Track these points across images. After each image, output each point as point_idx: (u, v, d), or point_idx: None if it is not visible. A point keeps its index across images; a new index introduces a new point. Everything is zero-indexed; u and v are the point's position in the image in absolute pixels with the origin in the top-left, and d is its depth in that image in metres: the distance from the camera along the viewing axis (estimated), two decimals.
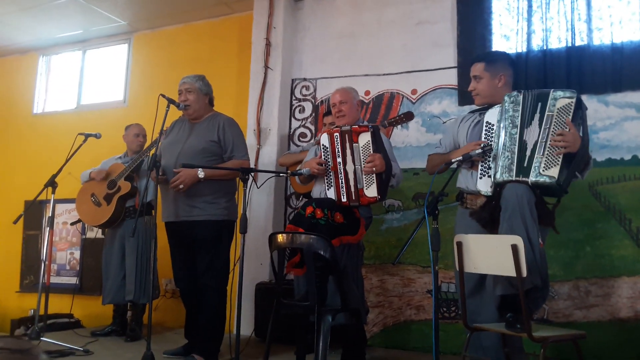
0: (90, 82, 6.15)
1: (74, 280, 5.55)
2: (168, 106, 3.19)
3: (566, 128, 2.38)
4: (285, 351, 3.58)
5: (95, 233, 5.48)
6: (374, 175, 2.92)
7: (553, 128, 2.40)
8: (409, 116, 3.96)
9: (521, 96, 2.51)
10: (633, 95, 3.62)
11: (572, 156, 2.37)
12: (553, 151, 2.38)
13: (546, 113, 2.43)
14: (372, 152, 2.93)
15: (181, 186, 3.16)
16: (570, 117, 2.39)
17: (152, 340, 3.03)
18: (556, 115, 2.41)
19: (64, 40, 6.10)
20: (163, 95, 3.18)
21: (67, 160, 3.82)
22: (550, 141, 2.38)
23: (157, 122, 3.16)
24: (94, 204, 4.26)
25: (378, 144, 2.95)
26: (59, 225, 5.70)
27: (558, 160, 2.36)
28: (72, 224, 5.14)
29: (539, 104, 2.46)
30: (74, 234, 5.70)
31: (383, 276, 4.19)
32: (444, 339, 3.80)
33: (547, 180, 2.34)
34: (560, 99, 2.43)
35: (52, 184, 3.74)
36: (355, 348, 3.07)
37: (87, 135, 3.99)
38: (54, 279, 5.49)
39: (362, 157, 2.96)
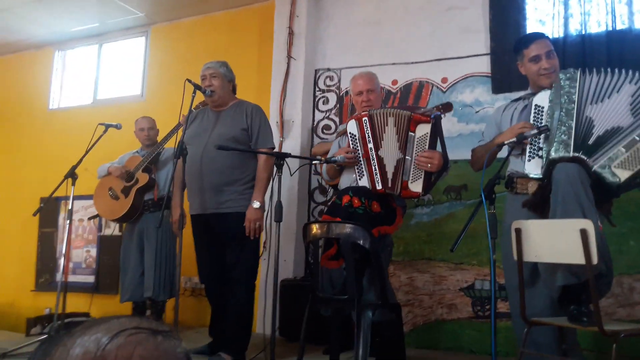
0: (107, 76, 6.02)
1: (90, 278, 5.41)
2: (194, 92, 3.05)
3: None
4: (312, 350, 3.40)
5: (112, 230, 5.34)
6: (424, 170, 2.70)
7: None
8: (447, 107, 3.56)
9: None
10: None
11: None
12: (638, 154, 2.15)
13: None
14: (427, 146, 2.69)
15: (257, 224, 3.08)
16: None
17: None
18: None
19: (79, 34, 5.97)
20: (189, 81, 3.03)
21: (87, 151, 3.68)
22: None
23: (184, 109, 3.03)
24: (111, 197, 4.13)
25: (436, 138, 2.70)
26: (75, 223, 5.56)
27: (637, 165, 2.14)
28: (89, 218, 5.03)
29: None
30: (90, 231, 5.56)
31: (412, 273, 4.01)
32: (479, 339, 3.64)
33: (610, 179, 2.13)
34: None
35: (72, 175, 3.61)
36: (394, 347, 2.89)
37: (108, 126, 3.85)
38: (70, 278, 5.33)
39: (415, 148, 2.72)
